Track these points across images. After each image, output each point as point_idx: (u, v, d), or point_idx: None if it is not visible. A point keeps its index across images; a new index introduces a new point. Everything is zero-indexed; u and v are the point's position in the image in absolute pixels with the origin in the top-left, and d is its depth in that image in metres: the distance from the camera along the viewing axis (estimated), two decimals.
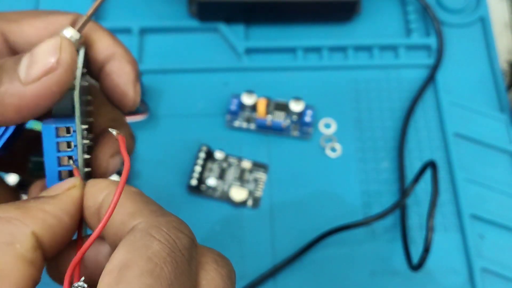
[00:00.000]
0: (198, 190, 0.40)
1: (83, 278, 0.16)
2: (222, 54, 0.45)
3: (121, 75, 0.22)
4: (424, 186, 0.40)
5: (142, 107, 0.42)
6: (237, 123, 0.42)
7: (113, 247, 0.17)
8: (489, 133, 0.43)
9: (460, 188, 0.41)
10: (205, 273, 0.17)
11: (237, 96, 0.42)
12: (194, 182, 0.40)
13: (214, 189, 0.40)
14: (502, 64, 0.48)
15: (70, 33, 0.21)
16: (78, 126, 0.19)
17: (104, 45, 0.23)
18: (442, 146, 0.43)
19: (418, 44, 0.46)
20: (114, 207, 0.16)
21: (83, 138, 0.20)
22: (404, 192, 0.40)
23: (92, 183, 0.18)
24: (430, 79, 0.44)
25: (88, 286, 0.16)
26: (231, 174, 0.41)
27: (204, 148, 0.41)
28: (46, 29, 0.22)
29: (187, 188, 0.40)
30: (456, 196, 0.41)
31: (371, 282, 0.38)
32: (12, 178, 0.38)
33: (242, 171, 0.41)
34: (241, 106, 0.42)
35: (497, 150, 0.42)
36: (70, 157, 0.19)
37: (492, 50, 0.46)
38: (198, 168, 0.40)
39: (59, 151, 0.19)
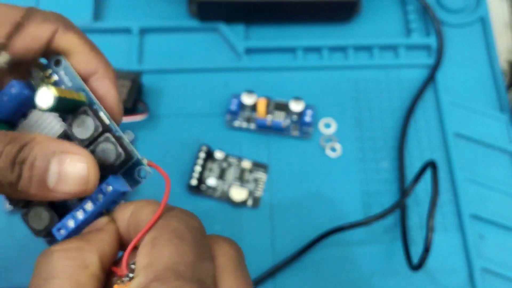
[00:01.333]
0: (198, 190, 0.40)
1: (134, 261, 0.20)
2: (222, 54, 0.45)
3: (107, 98, 0.23)
4: (424, 186, 0.40)
5: (142, 107, 0.42)
6: (237, 123, 0.42)
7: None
8: (489, 133, 0.43)
9: (460, 188, 0.41)
10: (219, 247, 0.21)
11: (237, 96, 0.42)
12: (194, 182, 0.40)
13: (214, 189, 0.40)
14: (502, 64, 0.48)
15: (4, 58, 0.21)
16: (130, 191, 0.22)
17: (84, 59, 0.23)
18: (442, 146, 0.43)
19: (418, 44, 0.46)
20: (153, 223, 0.20)
21: None
22: (404, 192, 0.40)
23: (117, 209, 0.22)
24: (430, 79, 0.44)
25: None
26: (231, 174, 0.41)
27: (204, 148, 0.41)
28: None
29: (187, 188, 0.40)
30: (456, 196, 0.41)
31: (371, 282, 0.38)
32: None
33: (242, 171, 0.41)
34: (241, 106, 0.42)
35: (497, 150, 0.43)
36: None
37: (492, 50, 0.46)
38: (198, 168, 0.40)
39: (108, 205, 0.22)
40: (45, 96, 0.20)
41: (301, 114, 0.42)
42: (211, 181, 0.40)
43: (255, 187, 0.40)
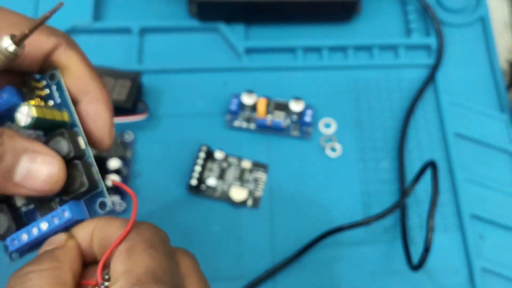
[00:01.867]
0: (198, 190, 0.40)
1: (107, 271, 0.21)
2: (222, 54, 0.45)
3: (97, 120, 0.23)
4: (424, 186, 0.40)
5: (142, 107, 0.42)
6: (237, 123, 0.42)
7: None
8: (489, 133, 0.43)
9: (460, 188, 0.41)
10: (179, 256, 0.22)
11: (237, 96, 0.42)
12: (194, 182, 0.40)
13: (214, 189, 0.40)
14: (502, 64, 0.48)
15: (7, 44, 0.20)
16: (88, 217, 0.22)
17: (80, 78, 0.23)
18: (442, 146, 0.43)
19: (418, 44, 0.46)
20: (120, 241, 0.21)
21: None
22: (404, 192, 0.40)
23: (76, 228, 0.22)
24: (430, 79, 0.44)
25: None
26: (231, 174, 0.41)
27: (204, 148, 0.41)
28: None
29: (187, 188, 0.40)
30: (456, 196, 0.41)
31: (371, 282, 0.38)
32: None
33: (242, 171, 0.41)
34: (241, 106, 0.42)
35: (497, 150, 0.42)
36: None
37: (492, 50, 0.46)
38: (198, 168, 0.40)
39: (63, 229, 0.22)
40: (25, 114, 0.21)
41: (301, 114, 0.42)
42: (211, 181, 0.40)
43: (255, 187, 0.40)
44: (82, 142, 0.22)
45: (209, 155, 0.41)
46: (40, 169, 0.20)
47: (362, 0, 0.47)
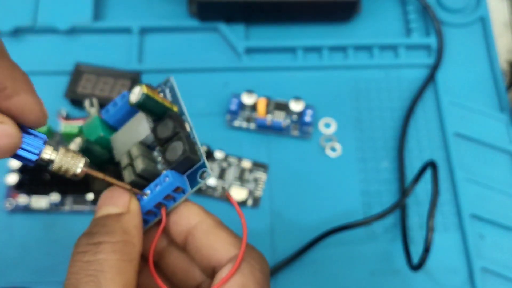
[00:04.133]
0: (198, 189, 0.40)
1: None
2: (222, 54, 0.45)
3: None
4: (424, 186, 0.40)
5: None
6: (237, 123, 0.42)
7: (202, 263, 0.23)
8: (489, 133, 0.43)
9: (460, 188, 0.41)
10: None
11: (237, 96, 0.42)
12: None
13: (214, 189, 0.40)
14: (502, 64, 0.48)
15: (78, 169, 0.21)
16: (190, 192, 0.24)
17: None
18: (442, 146, 0.43)
19: (418, 44, 0.46)
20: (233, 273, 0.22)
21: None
22: (404, 192, 0.40)
23: (187, 205, 0.24)
24: (430, 79, 0.44)
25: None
26: (231, 173, 0.41)
27: (204, 148, 0.41)
28: None
29: None
30: (456, 196, 0.41)
31: (371, 282, 0.38)
32: (12, 178, 0.38)
33: (242, 170, 0.41)
34: (241, 105, 0.42)
35: (497, 150, 0.43)
36: (162, 204, 0.23)
37: (492, 50, 0.46)
38: None
39: (164, 199, 0.23)
40: (136, 93, 0.23)
41: (301, 114, 0.42)
42: (211, 181, 0.40)
43: (255, 187, 0.40)
44: (188, 126, 0.24)
45: (209, 155, 0.41)
46: None
47: (362, 0, 0.47)
